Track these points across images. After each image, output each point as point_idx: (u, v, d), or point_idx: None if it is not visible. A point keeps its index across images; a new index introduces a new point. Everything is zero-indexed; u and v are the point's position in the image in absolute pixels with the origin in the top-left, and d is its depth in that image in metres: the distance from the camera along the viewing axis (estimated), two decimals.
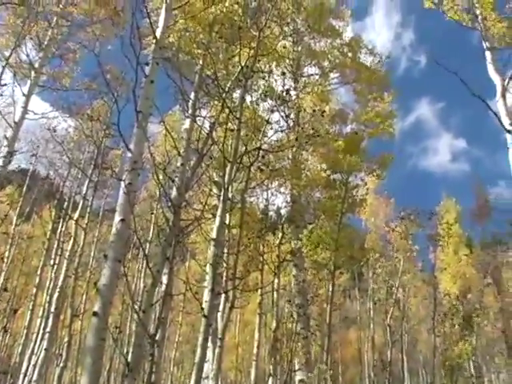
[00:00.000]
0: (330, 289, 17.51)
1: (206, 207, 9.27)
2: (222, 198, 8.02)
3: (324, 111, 15.36)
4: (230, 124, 8.97)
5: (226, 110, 9.16)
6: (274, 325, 16.52)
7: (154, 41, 9.93)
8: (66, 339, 20.24)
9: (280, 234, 15.94)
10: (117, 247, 7.75)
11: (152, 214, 23.22)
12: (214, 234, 8.09)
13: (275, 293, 17.98)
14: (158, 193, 21.25)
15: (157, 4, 12.21)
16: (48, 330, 17.80)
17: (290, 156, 16.32)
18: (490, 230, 41.17)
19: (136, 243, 23.20)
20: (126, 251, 9.03)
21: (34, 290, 23.88)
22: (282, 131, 11.28)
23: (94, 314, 7.21)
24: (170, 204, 8.05)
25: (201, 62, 12.49)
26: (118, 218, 7.97)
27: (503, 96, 13.17)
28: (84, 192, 20.60)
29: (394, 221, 25.06)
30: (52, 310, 18.16)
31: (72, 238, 19.83)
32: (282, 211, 18.01)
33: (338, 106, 20.59)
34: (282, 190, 17.24)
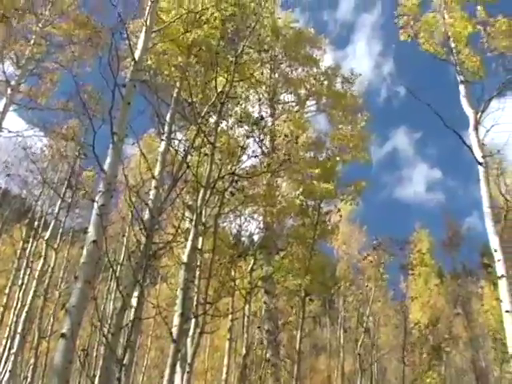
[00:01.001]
0: (301, 315, 17.47)
1: (179, 231, 9.25)
2: (194, 222, 8.02)
3: (298, 137, 15.47)
4: (204, 149, 9.00)
5: (201, 135, 9.20)
6: (244, 351, 16.43)
7: (133, 63, 9.96)
8: (31, 361, 19.93)
9: (252, 260, 15.93)
10: (87, 269, 7.70)
11: (124, 236, 23.08)
12: (185, 258, 8.08)
13: (246, 319, 17.91)
14: (130, 215, 21.15)
15: (137, 26, 12.28)
16: (13, 351, 17.51)
17: (265, 182, 16.35)
18: (460, 261, 41.65)
19: (107, 265, 22.99)
20: (96, 273, 8.95)
21: (1, 310, 23.45)
22: (256, 157, 11.36)
23: (62, 335, 7.13)
24: (142, 227, 8.00)
25: (178, 85, 12.56)
26: (89, 239, 7.92)
27: (476, 129, 13.36)
28: (56, 212, 20.44)
29: (365, 249, 25.19)
30: (18, 330, 17.88)
31: (42, 258, 19.63)
32: (255, 237, 18.00)
33: (315, 134, 20.74)
34: (256, 216, 17.25)
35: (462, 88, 14.15)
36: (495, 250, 11.85)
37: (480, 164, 12.81)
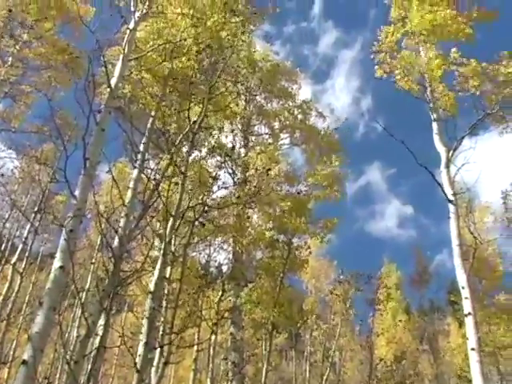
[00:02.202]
0: (267, 348, 17.40)
1: (148, 260, 9.21)
2: (162, 251, 8.01)
3: (269, 169, 15.53)
4: (175, 178, 9.04)
5: (173, 164, 9.23)
6: (209, 382, 16.31)
7: (109, 90, 10.02)
8: None
9: (220, 291, 15.87)
10: (53, 295, 7.63)
11: (92, 263, 22.83)
12: (151, 287, 8.05)
13: (211, 350, 17.79)
14: (99, 242, 20.96)
15: (114, 54, 12.35)
16: None
17: (235, 213, 16.33)
18: (428, 297, 42.01)
19: (73, 291, 22.70)
20: (62, 299, 8.88)
21: None
22: (227, 188, 11.39)
23: (23, 362, 7.03)
24: (110, 254, 7.98)
25: (153, 114, 12.61)
26: (57, 264, 7.87)
27: (447, 167, 13.54)
28: (24, 236, 20.22)
29: (334, 284, 25.25)
30: None
31: (8, 282, 19.33)
32: (224, 268, 17.95)
33: (288, 167, 20.85)
34: (225, 246, 17.22)
35: (434, 126, 14.37)
36: (463, 288, 11.97)
37: (450, 202, 12.99)
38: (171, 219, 8.21)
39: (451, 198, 13.05)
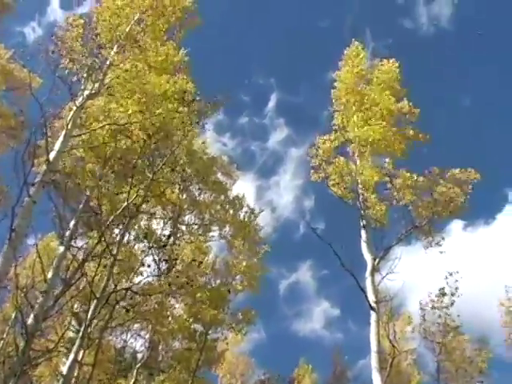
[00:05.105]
0: None
1: (62, 340, 8.92)
2: (81, 333, 7.79)
3: (201, 262, 15.48)
4: (104, 260, 8.91)
5: (103, 244, 9.13)
6: None
7: (46, 163, 9.95)
8: None
9: (133, 380, 15.38)
10: None
11: (2, 339, 21.68)
12: (64, 370, 7.76)
13: None
14: (13, 316, 19.99)
15: (58, 127, 12.29)
16: None
17: (157, 301, 16.04)
18: None
19: None
20: None
21: None
22: (156, 276, 11.27)
23: None
24: (23, 331, 7.70)
25: (87, 192, 12.48)
26: None
27: (372, 275, 13.76)
28: None
29: (250, 381, 24.90)
30: None
31: None
32: (139, 355, 17.44)
33: (212, 258, 20.80)
34: (142, 333, 16.82)
35: (363, 233, 14.65)
36: None
37: (372, 309, 13.17)
38: (95, 301, 8.04)
39: (373, 305, 13.23)
